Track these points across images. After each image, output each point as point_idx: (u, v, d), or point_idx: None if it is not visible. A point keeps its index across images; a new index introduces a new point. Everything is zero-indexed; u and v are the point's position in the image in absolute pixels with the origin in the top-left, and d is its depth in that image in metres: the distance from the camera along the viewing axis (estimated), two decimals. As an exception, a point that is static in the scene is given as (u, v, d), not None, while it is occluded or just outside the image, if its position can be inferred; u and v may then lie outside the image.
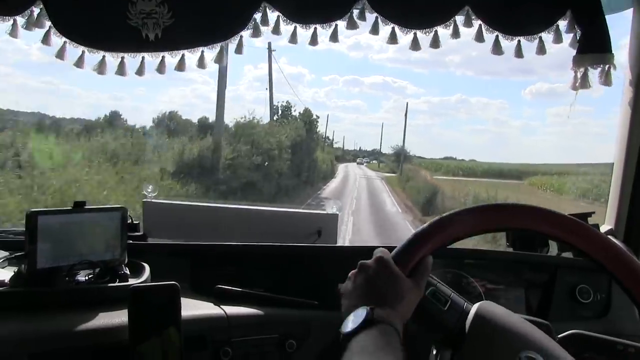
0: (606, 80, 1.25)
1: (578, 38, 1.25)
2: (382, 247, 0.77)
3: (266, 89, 18.44)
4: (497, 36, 1.25)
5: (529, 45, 1.26)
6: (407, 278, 0.71)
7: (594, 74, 1.26)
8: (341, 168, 39.20)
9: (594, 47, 1.23)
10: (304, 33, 1.23)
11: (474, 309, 0.74)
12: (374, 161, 60.18)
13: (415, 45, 1.26)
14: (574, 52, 1.26)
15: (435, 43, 1.25)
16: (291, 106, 22.82)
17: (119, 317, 0.94)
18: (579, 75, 1.28)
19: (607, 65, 1.24)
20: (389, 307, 0.67)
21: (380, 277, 0.71)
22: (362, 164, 52.87)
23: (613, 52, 1.23)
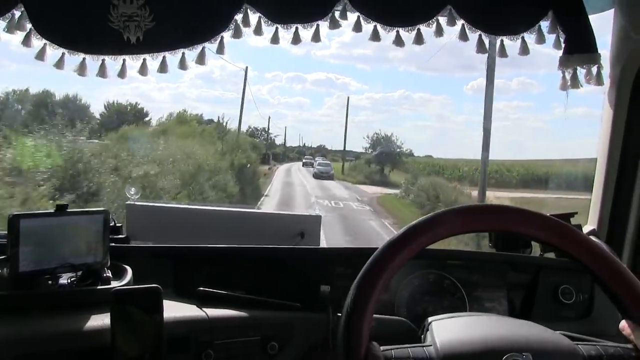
0: (597, 80, 1.25)
1: (562, 39, 1.25)
2: None
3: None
4: (480, 35, 1.25)
5: (512, 44, 1.26)
6: None
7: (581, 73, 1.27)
8: (279, 177, 23.13)
9: (581, 47, 1.23)
10: (285, 33, 1.23)
11: (438, 352, 0.71)
12: (319, 158, 35.00)
13: (398, 42, 1.25)
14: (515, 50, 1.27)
15: (418, 40, 1.25)
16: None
17: (102, 320, 0.94)
18: (567, 75, 1.28)
19: (596, 65, 1.24)
20: None
21: None
22: (327, 175, 24.95)
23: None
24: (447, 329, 0.76)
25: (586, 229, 1.33)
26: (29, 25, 1.19)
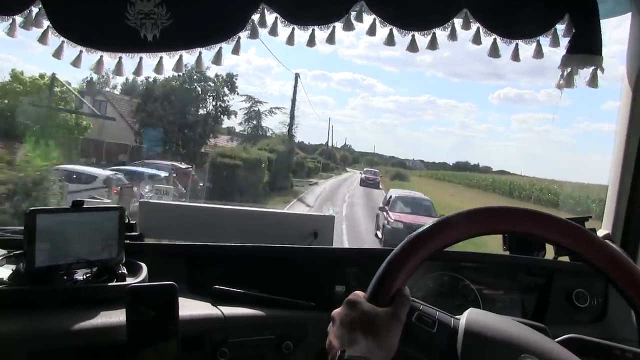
0: (592, 82, 1.25)
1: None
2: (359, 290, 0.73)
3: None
4: (495, 39, 1.24)
5: (526, 48, 1.25)
6: (383, 310, 0.68)
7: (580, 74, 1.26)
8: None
9: (584, 48, 1.23)
10: (301, 34, 1.23)
11: (462, 324, 0.72)
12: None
13: (413, 46, 1.25)
14: (546, 60, 1.26)
15: (432, 45, 1.24)
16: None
17: (117, 317, 0.94)
18: (565, 74, 1.28)
19: (594, 67, 1.24)
20: (365, 345, 0.65)
21: (352, 319, 0.68)
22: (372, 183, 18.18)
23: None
24: (480, 314, 0.76)
25: (600, 233, 1.33)
26: (46, 23, 1.20)
